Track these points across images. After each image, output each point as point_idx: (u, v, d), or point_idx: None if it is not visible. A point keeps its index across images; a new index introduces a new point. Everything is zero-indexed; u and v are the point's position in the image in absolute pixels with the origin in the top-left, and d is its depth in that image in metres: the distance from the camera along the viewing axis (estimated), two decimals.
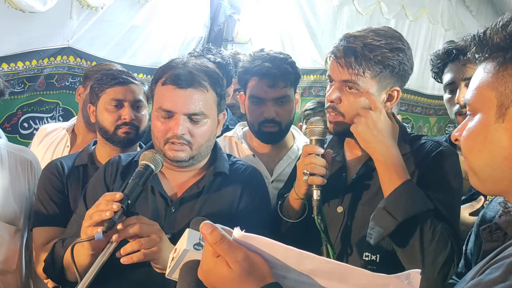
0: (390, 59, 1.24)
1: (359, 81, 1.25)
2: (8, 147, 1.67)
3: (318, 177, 1.22)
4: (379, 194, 1.27)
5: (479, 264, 0.76)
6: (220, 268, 0.70)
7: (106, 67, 2.04)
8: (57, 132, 2.11)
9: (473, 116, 0.78)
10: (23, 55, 2.47)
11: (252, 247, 0.70)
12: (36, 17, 2.45)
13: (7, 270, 1.59)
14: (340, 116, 1.29)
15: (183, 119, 1.26)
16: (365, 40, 1.24)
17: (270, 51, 1.75)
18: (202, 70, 1.30)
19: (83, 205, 1.36)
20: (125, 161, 1.40)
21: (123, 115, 1.67)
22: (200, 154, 1.33)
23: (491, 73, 0.75)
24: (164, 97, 1.28)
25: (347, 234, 1.31)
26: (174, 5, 3.14)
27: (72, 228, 1.35)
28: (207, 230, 0.70)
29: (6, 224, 1.56)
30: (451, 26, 5.45)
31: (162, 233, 1.17)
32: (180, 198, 1.31)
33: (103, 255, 1.10)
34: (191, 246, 0.87)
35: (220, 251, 0.70)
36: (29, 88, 2.57)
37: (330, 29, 4.16)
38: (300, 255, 0.69)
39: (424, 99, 5.49)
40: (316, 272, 0.70)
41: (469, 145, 0.78)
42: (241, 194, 1.35)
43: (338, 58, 1.26)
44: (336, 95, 1.28)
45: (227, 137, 1.89)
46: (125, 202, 1.10)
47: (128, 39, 2.95)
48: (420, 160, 1.28)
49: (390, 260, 1.24)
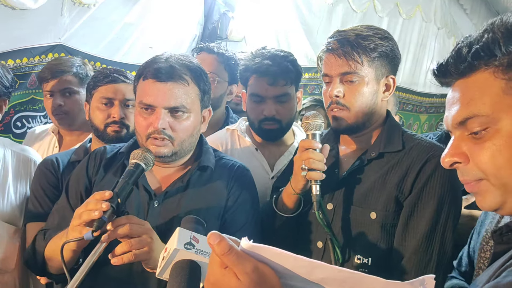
0: (383, 46, 1.28)
1: (358, 70, 1.26)
2: (12, 146, 1.68)
3: (316, 172, 1.22)
4: (371, 194, 1.28)
5: (493, 266, 0.74)
6: (228, 280, 0.67)
7: (50, 63, 2.02)
8: (45, 134, 2.12)
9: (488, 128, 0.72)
10: (13, 53, 2.44)
11: (261, 257, 0.68)
12: (27, 14, 2.42)
13: (6, 269, 1.59)
14: (346, 110, 1.29)
15: (163, 113, 1.24)
16: (356, 32, 1.28)
17: (271, 49, 1.75)
18: (183, 65, 1.28)
19: (64, 196, 1.36)
20: (110, 153, 1.39)
21: (112, 114, 1.67)
22: (183, 150, 1.31)
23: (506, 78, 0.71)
24: (145, 91, 1.27)
25: (338, 233, 1.30)
26: (167, 3, 3.11)
27: (53, 220, 1.34)
28: (214, 241, 0.66)
29: (6, 223, 1.56)
30: (443, 24, 5.47)
31: (153, 233, 1.16)
32: (164, 192, 1.30)
33: (93, 255, 1.09)
34: (182, 246, 0.86)
35: (228, 262, 0.67)
36: (20, 86, 2.54)
37: (324, 27, 4.15)
38: (310, 264, 0.66)
39: (415, 96, 5.52)
40: (327, 281, 0.68)
41: (495, 160, 0.71)
42: (229, 189, 1.34)
43: (334, 50, 1.27)
44: (339, 89, 1.28)
45: (229, 130, 1.88)
46: (115, 201, 1.09)
47: (121, 36, 2.92)
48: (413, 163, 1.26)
49: (382, 264, 1.24)
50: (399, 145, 1.31)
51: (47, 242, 1.25)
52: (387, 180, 1.27)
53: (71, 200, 1.34)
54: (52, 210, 1.38)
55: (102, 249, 1.11)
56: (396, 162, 1.29)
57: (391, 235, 1.25)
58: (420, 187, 1.23)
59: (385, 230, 1.25)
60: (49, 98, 1.96)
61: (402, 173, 1.26)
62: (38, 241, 1.30)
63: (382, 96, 1.33)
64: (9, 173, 1.60)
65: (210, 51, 2.08)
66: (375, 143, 1.34)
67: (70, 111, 1.95)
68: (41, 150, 2.05)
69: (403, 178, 1.25)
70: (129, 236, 1.11)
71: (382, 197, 1.26)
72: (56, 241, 1.20)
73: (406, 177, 1.25)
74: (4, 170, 1.60)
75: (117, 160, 1.36)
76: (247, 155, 1.78)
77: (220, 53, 2.07)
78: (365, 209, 1.27)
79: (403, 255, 1.22)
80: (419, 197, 1.22)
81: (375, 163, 1.31)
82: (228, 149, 1.82)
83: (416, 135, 1.36)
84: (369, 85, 1.29)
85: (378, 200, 1.27)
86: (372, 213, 1.26)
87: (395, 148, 1.30)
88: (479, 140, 0.74)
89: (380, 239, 1.25)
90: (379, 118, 1.36)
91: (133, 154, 1.20)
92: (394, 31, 4.79)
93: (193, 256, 0.87)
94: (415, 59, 5.13)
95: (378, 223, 1.25)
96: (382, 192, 1.27)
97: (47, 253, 1.25)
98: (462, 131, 0.76)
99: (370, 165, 1.31)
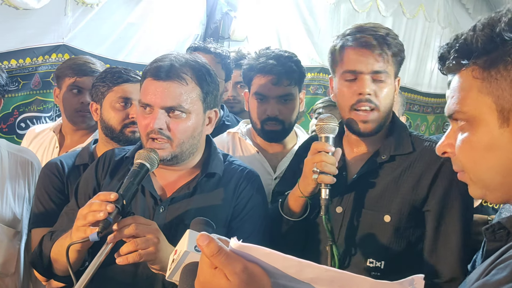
0: (399, 46, 1.28)
1: (388, 69, 1.26)
2: (8, 147, 1.64)
3: (328, 175, 1.20)
4: (383, 197, 1.26)
5: (483, 264, 0.74)
6: (218, 280, 0.68)
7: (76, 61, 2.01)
8: (45, 133, 2.09)
9: (469, 125, 0.75)
10: (16, 52, 2.43)
11: (251, 257, 0.68)
12: (30, 14, 2.41)
13: (6, 273, 1.57)
14: (376, 110, 1.27)
15: (160, 113, 1.21)
16: (385, 30, 1.27)
17: (275, 49, 1.75)
18: (185, 64, 1.25)
19: (74, 199, 1.35)
20: (118, 156, 1.37)
21: (131, 114, 1.64)
22: (183, 153, 1.27)
23: (481, 78, 0.72)
24: (144, 90, 1.26)
25: (349, 236, 1.29)
26: (170, 2, 3.11)
27: (62, 222, 1.33)
28: (203, 242, 0.67)
29: (5, 226, 1.54)
30: (447, 24, 5.46)
31: (159, 233, 1.14)
32: (170, 198, 1.28)
33: (99, 256, 1.08)
34: (192, 248, 0.85)
35: (217, 263, 0.67)
36: (24, 87, 2.54)
37: (327, 27, 4.15)
38: (299, 264, 0.66)
39: (421, 97, 5.50)
40: (317, 281, 0.68)
41: (472, 156, 0.75)
42: (236, 197, 1.31)
43: (369, 46, 1.23)
44: (372, 87, 1.25)
45: (230, 133, 1.88)
46: (120, 202, 1.08)
47: (124, 36, 2.92)
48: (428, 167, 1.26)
49: (395, 268, 1.23)
50: (409, 147, 1.30)
51: (53, 243, 1.24)
52: (400, 183, 1.26)
53: (80, 203, 1.32)
54: (61, 213, 1.37)
55: (108, 250, 1.10)
56: (409, 165, 1.28)
57: (404, 238, 1.25)
58: (442, 193, 1.23)
59: (398, 233, 1.25)
60: (76, 94, 1.93)
61: (416, 176, 1.25)
62: (45, 242, 1.29)
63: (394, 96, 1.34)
64: (7, 175, 1.57)
65: (206, 51, 2.07)
66: (385, 145, 1.33)
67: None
68: (41, 149, 2.03)
69: (418, 182, 1.24)
70: (135, 236, 1.10)
71: (396, 200, 1.25)
72: (61, 242, 1.19)
73: (421, 180, 1.25)
74: (2, 172, 1.57)
75: (123, 165, 1.35)
76: (249, 157, 1.78)
77: (217, 53, 2.06)
78: (378, 212, 1.26)
79: (434, 264, 1.22)
80: (444, 205, 1.23)
81: (387, 166, 1.30)
82: (230, 152, 1.81)
83: (423, 136, 1.36)
84: (391, 85, 1.28)
85: (392, 203, 1.26)
86: (386, 216, 1.25)
87: (405, 150, 1.30)
88: (462, 134, 0.77)
89: (393, 243, 1.24)
90: (389, 118, 1.35)
91: (138, 154, 1.18)
92: (399, 31, 4.78)
93: None
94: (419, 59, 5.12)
95: (392, 226, 1.24)
96: (396, 195, 1.26)
97: (53, 254, 1.24)
98: (455, 123, 0.79)
99: (382, 168, 1.30)
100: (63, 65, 2.04)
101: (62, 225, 1.32)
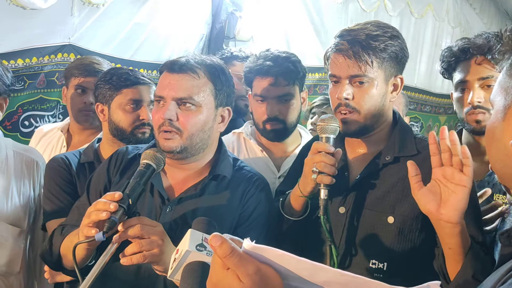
0: (392, 46, 1.25)
1: (367, 73, 1.24)
2: (14, 147, 1.65)
3: (327, 176, 1.19)
4: (387, 199, 1.25)
5: (499, 271, 0.73)
6: (230, 282, 0.67)
7: (83, 61, 2.02)
8: (53, 133, 2.11)
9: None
10: (23, 52, 2.45)
11: (263, 258, 0.67)
12: (36, 14, 2.43)
13: (11, 272, 1.58)
14: (355, 113, 1.27)
15: (171, 104, 1.25)
16: (366, 32, 1.25)
17: (275, 51, 1.79)
18: (200, 60, 1.30)
19: (85, 194, 1.37)
20: (131, 154, 1.38)
21: (142, 116, 1.67)
22: (193, 146, 1.28)
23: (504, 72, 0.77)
24: (159, 84, 1.30)
25: (351, 236, 1.28)
26: (175, 2, 3.12)
27: (73, 216, 1.34)
28: (216, 243, 0.66)
29: (10, 225, 1.55)
30: (457, 23, 5.41)
31: (164, 235, 1.14)
32: (177, 199, 1.29)
33: (104, 256, 1.08)
34: (194, 247, 0.85)
35: (230, 264, 0.66)
36: (29, 86, 2.55)
37: (334, 27, 4.12)
38: (313, 267, 0.65)
39: (433, 98, 5.45)
40: (330, 284, 0.67)
41: (485, 139, 0.82)
42: (243, 203, 1.31)
43: (344, 51, 1.24)
44: (348, 91, 1.25)
45: (235, 133, 1.92)
46: (125, 202, 1.08)
47: (130, 36, 2.93)
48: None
49: (398, 269, 1.22)
50: (414, 149, 1.28)
51: (64, 238, 1.25)
52: (406, 185, 1.23)
53: (91, 198, 1.33)
54: (73, 207, 1.38)
55: (114, 250, 1.09)
56: None
57: (409, 240, 1.23)
58: None
59: (402, 235, 1.23)
60: (80, 94, 1.96)
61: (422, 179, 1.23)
62: (55, 236, 1.30)
63: (390, 96, 1.31)
64: (12, 175, 1.58)
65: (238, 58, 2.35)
66: (388, 146, 1.32)
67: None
68: (49, 148, 2.05)
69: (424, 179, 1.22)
70: (140, 237, 1.10)
71: (401, 202, 1.24)
72: (71, 239, 1.20)
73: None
74: (7, 171, 1.58)
75: (135, 163, 1.35)
76: (253, 156, 1.82)
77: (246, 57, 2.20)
78: (381, 213, 1.24)
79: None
80: None
81: (391, 167, 1.29)
82: (235, 151, 1.85)
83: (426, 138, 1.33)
84: (378, 86, 1.26)
85: (396, 204, 1.24)
86: (390, 217, 1.23)
87: (410, 152, 1.28)
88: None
89: (397, 244, 1.23)
90: (387, 119, 1.34)
91: (144, 155, 1.19)
92: (407, 31, 4.74)
93: (204, 258, 0.87)
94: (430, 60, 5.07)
95: (396, 228, 1.23)
96: (401, 197, 1.24)
97: (62, 250, 1.25)
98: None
99: (386, 169, 1.29)
100: (71, 65, 2.07)
101: (73, 219, 1.33)
